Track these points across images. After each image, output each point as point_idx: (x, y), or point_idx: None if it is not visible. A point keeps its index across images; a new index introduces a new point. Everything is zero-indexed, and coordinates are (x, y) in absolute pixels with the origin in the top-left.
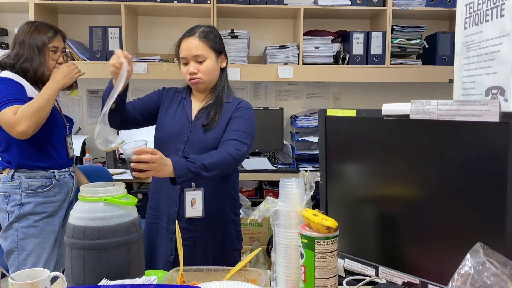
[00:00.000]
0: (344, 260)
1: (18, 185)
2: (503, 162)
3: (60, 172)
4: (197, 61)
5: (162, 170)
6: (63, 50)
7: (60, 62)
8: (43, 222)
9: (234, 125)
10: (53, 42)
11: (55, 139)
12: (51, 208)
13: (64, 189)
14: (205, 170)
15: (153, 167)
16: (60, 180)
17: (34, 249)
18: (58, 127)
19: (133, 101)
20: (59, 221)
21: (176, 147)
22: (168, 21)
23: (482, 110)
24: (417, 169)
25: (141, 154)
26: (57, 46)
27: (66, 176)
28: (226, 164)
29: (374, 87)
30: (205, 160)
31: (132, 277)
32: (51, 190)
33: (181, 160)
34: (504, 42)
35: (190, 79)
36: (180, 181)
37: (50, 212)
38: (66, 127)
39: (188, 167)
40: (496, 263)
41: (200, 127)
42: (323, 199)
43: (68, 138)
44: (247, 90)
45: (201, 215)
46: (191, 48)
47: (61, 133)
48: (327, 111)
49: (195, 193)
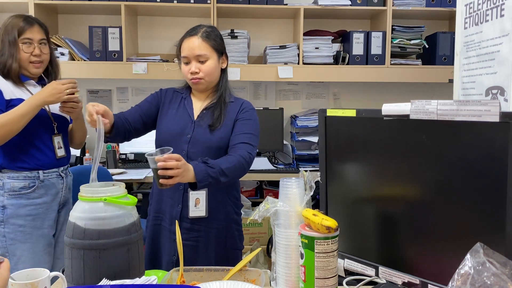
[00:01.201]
0: (344, 260)
1: (1, 186)
2: (503, 162)
3: (46, 173)
4: (199, 61)
5: (185, 176)
6: (42, 41)
7: (35, 54)
8: (30, 227)
9: (242, 128)
10: (26, 33)
11: (38, 139)
12: (37, 210)
13: (51, 190)
14: (223, 175)
15: (179, 173)
16: (45, 181)
17: (23, 254)
18: (43, 127)
19: (131, 111)
20: (50, 224)
21: (179, 147)
22: (168, 21)
23: (482, 110)
24: (417, 169)
25: (167, 161)
26: (31, 38)
27: (54, 177)
28: (241, 169)
29: (374, 87)
30: (223, 165)
31: (132, 277)
32: (36, 192)
33: (201, 165)
34: (504, 42)
35: (191, 79)
36: (201, 186)
37: (35, 215)
38: (54, 126)
39: (208, 172)
40: (496, 263)
41: (203, 127)
42: (323, 199)
43: (56, 138)
44: (247, 90)
45: (205, 214)
46: (193, 47)
47: (46, 133)
48: (327, 111)
49: (199, 193)
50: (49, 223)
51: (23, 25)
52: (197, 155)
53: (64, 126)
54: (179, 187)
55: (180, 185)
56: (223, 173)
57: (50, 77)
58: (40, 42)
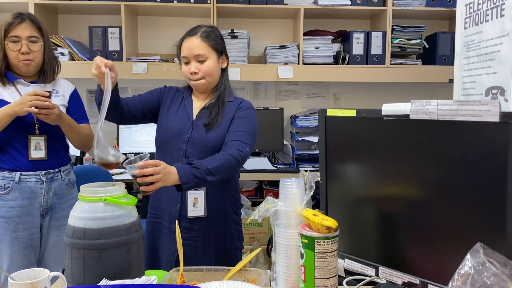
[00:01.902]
0: (344, 260)
1: None
2: (503, 162)
3: (25, 175)
4: (198, 61)
5: (168, 180)
6: (31, 39)
7: (23, 51)
8: (4, 228)
9: (236, 125)
10: (13, 31)
11: (17, 140)
12: (10, 213)
13: (27, 194)
14: (210, 175)
15: (159, 178)
16: (21, 183)
17: None
18: (25, 128)
19: (133, 98)
20: (26, 227)
21: (178, 147)
22: (168, 21)
23: (482, 110)
24: (417, 169)
25: (144, 168)
26: (18, 35)
27: (33, 180)
28: (230, 167)
29: (374, 87)
30: (209, 164)
31: (132, 277)
32: (10, 194)
33: (186, 166)
34: (504, 42)
35: (190, 79)
36: (186, 187)
37: (8, 217)
38: (36, 126)
39: (193, 173)
40: (496, 263)
41: (201, 127)
42: (323, 199)
43: (35, 138)
44: (247, 90)
45: (204, 214)
46: (192, 47)
47: (27, 134)
48: (327, 111)
49: (197, 193)
50: (25, 226)
51: (10, 22)
52: (195, 155)
53: (50, 126)
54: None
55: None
56: (209, 172)
57: (43, 76)
58: (29, 39)
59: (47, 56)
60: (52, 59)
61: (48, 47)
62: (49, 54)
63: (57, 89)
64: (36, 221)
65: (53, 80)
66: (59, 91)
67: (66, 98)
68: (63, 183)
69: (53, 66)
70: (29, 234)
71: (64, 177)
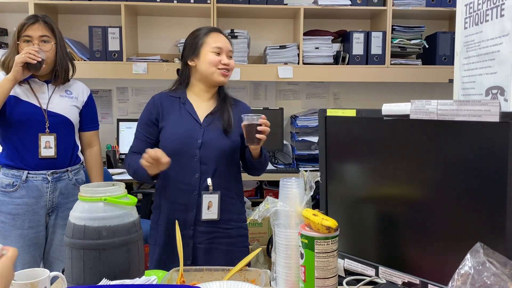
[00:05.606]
0: (344, 260)
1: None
2: (503, 162)
3: (32, 174)
4: (229, 56)
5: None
6: (43, 38)
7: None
8: (10, 225)
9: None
10: (26, 31)
11: (28, 138)
12: (16, 210)
13: (34, 193)
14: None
15: (268, 132)
16: (28, 182)
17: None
18: (36, 126)
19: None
20: (32, 225)
21: (190, 152)
22: (168, 21)
23: (482, 110)
24: (417, 169)
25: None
26: (30, 35)
27: (39, 179)
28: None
29: (374, 87)
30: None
31: (132, 277)
32: (17, 192)
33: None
34: (504, 42)
35: (220, 69)
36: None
37: (15, 214)
38: (46, 125)
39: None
40: (496, 263)
41: (213, 131)
42: (323, 199)
43: (45, 137)
44: (247, 90)
45: (217, 217)
46: (225, 42)
47: (37, 132)
48: (327, 111)
49: (212, 196)
50: (31, 224)
51: (24, 23)
52: (209, 160)
53: (60, 125)
54: (193, 192)
55: (194, 190)
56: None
57: (56, 76)
58: (40, 39)
59: (59, 56)
60: (64, 60)
61: (61, 48)
62: (61, 55)
63: (71, 90)
64: (42, 219)
65: (67, 81)
66: (73, 92)
67: (79, 100)
68: (70, 183)
69: (65, 67)
70: (35, 232)
71: (71, 177)
